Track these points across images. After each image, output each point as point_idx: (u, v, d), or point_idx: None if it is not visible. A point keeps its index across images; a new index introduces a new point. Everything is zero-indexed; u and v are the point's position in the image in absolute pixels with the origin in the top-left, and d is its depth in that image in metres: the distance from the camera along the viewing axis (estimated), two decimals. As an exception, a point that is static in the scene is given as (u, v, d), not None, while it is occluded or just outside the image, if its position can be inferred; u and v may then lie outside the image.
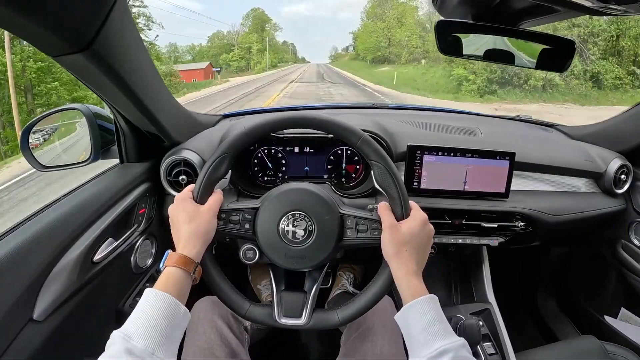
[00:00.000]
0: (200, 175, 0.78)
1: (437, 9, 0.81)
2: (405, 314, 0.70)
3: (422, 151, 1.11)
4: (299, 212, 0.79)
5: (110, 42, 0.71)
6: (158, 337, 0.59)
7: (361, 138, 0.78)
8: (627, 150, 1.37)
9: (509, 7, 0.76)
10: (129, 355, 0.56)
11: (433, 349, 0.63)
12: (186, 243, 0.72)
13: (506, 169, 1.13)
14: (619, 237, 1.42)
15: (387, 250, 0.74)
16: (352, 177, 1.21)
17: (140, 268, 1.06)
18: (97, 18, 0.66)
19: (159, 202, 1.14)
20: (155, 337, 0.59)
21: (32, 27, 0.58)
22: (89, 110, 1.06)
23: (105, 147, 1.09)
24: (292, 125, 0.80)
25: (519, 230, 1.19)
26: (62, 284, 0.76)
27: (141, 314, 0.62)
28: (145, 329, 0.59)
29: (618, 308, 1.53)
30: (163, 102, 1.00)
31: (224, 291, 0.80)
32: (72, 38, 0.65)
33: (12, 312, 0.67)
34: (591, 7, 0.65)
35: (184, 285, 0.69)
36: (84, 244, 0.82)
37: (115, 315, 1.01)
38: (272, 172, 1.21)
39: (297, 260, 0.79)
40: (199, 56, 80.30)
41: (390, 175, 0.77)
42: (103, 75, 0.75)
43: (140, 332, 0.59)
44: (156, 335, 0.59)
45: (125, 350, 0.56)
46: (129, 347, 0.56)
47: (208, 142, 1.16)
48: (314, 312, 0.81)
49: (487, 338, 1.15)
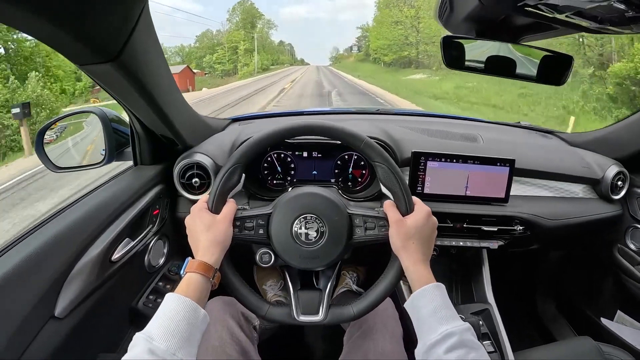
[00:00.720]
0: (214, 185, 0.81)
1: (443, 24, 0.85)
2: (414, 300, 0.74)
3: (425, 157, 1.15)
4: (310, 214, 0.83)
5: (136, 53, 0.75)
6: (179, 339, 0.62)
7: (364, 141, 0.82)
8: (624, 158, 1.40)
9: (511, 23, 0.80)
10: (152, 355, 0.58)
11: (439, 332, 0.67)
12: (205, 251, 0.75)
13: (506, 175, 1.17)
14: (615, 241, 1.46)
15: (395, 244, 0.79)
16: (359, 181, 1.25)
17: (153, 267, 1.10)
18: (124, 30, 0.69)
19: (171, 204, 1.17)
20: (176, 339, 0.62)
21: (62, 37, 0.62)
22: (103, 113, 1.09)
23: (119, 149, 1.12)
24: (299, 133, 0.84)
25: (518, 234, 1.23)
26: (83, 281, 0.79)
27: (163, 316, 0.65)
28: (166, 331, 0.62)
29: (614, 310, 1.56)
30: (178, 107, 1.04)
31: (244, 294, 0.83)
32: (101, 49, 0.69)
33: (35, 310, 0.70)
34: (588, 27, 0.69)
35: (203, 290, 0.72)
36: (104, 243, 0.85)
37: (129, 313, 1.04)
38: (281, 175, 1.24)
39: (311, 260, 0.83)
40: (188, 58, 71.94)
41: (393, 174, 0.81)
42: (127, 84, 0.79)
43: (162, 334, 0.62)
44: (177, 337, 0.62)
45: (148, 351, 0.59)
46: (151, 348, 0.59)
47: (219, 146, 1.19)
48: (330, 308, 0.85)
49: (486, 337, 1.18)
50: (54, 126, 1.15)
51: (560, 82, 0.90)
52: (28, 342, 0.68)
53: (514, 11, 0.64)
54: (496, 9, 0.71)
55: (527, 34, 0.83)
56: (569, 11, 0.59)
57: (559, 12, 0.60)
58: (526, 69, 0.92)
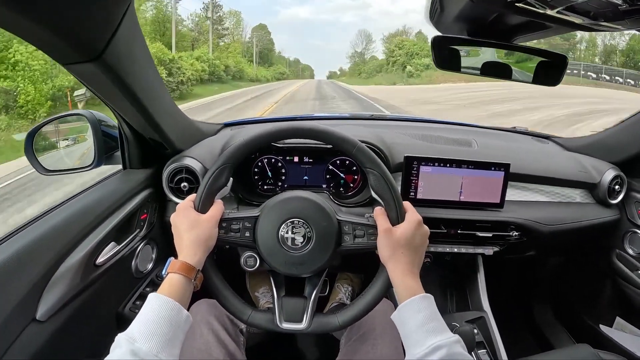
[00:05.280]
0: (202, 185, 0.80)
1: (434, 25, 0.84)
2: (401, 312, 0.72)
3: (418, 162, 1.13)
4: (297, 219, 0.81)
5: (120, 52, 0.74)
6: (161, 340, 0.61)
7: (356, 147, 0.81)
8: (621, 161, 1.39)
9: (504, 23, 0.79)
10: (134, 356, 0.58)
11: (426, 346, 0.65)
12: (188, 251, 0.74)
13: (501, 179, 1.15)
14: (613, 246, 1.44)
15: (383, 254, 0.77)
16: (350, 186, 1.23)
17: (140, 272, 1.08)
18: (108, 29, 0.68)
19: (160, 208, 1.16)
20: (158, 340, 0.61)
21: (44, 35, 0.61)
22: (93, 116, 1.08)
23: (108, 152, 1.11)
24: (290, 135, 0.83)
25: (514, 239, 1.21)
26: (66, 285, 0.78)
27: (145, 317, 0.64)
28: (149, 332, 0.62)
29: (613, 317, 1.54)
30: (167, 110, 1.03)
31: (226, 297, 0.82)
32: (84, 47, 0.68)
33: (15, 312, 0.69)
34: (581, 24, 0.67)
35: (185, 291, 0.71)
36: (88, 246, 0.84)
37: (116, 318, 1.02)
38: (271, 181, 1.23)
39: (296, 266, 0.82)
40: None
41: (385, 181, 0.80)
42: (111, 84, 0.78)
43: (145, 335, 0.61)
44: (160, 338, 0.61)
45: (130, 352, 0.58)
46: (133, 349, 0.58)
47: (209, 150, 1.18)
48: (314, 317, 0.83)
49: (481, 345, 1.16)
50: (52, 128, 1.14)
51: (555, 82, 0.89)
52: (7, 344, 0.67)
53: (505, 8, 0.62)
54: (487, 6, 0.70)
55: (520, 34, 0.82)
56: (561, 6, 0.58)
57: (551, 7, 0.59)
58: (521, 73, 0.92)
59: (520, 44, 0.86)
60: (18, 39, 0.70)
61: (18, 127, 11.30)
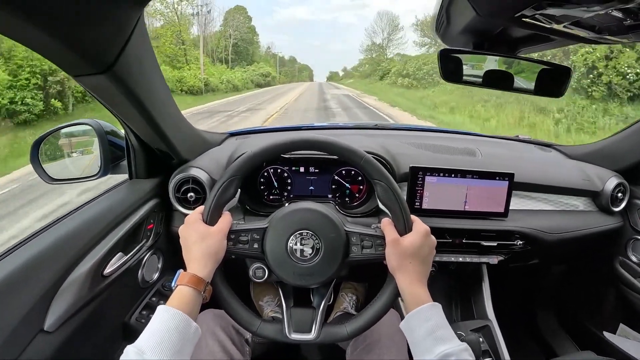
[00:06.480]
0: (210, 197, 0.81)
1: (440, 37, 0.85)
2: (409, 321, 0.73)
3: (424, 172, 1.14)
4: (306, 230, 0.81)
5: (130, 64, 0.75)
6: (170, 352, 0.62)
7: (364, 158, 0.81)
8: (624, 169, 1.39)
9: (508, 35, 0.80)
10: None
11: (435, 354, 0.65)
12: (197, 263, 0.74)
13: (505, 189, 1.16)
14: (616, 254, 1.44)
15: (391, 264, 0.78)
16: (356, 197, 1.24)
17: (146, 282, 1.08)
18: (119, 41, 0.69)
19: (166, 218, 1.16)
20: (167, 352, 0.61)
21: (56, 48, 0.62)
22: (99, 125, 1.08)
23: (114, 162, 1.11)
24: (297, 148, 0.83)
25: (518, 248, 1.21)
26: (74, 295, 0.78)
27: (154, 329, 0.64)
28: (157, 344, 0.62)
29: (617, 324, 1.53)
30: (173, 120, 1.03)
31: (235, 309, 0.82)
32: (95, 60, 0.68)
33: (24, 323, 0.69)
34: (586, 37, 0.68)
35: (194, 304, 0.71)
36: (96, 257, 0.84)
37: (122, 328, 1.02)
38: (277, 191, 1.23)
39: (305, 277, 0.82)
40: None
41: (392, 192, 0.80)
42: (121, 96, 0.79)
43: (153, 347, 0.61)
44: (168, 351, 0.62)
45: None
46: None
47: (215, 161, 1.18)
48: (323, 327, 0.83)
49: (487, 354, 1.16)
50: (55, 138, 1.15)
51: (559, 94, 0.90)
52: (16, 355, 0.67)
53: (512, 22, 0.64)
54: (493, 20, 0.71)
55: (524, 45, 0.83)
56: (567, 21, 0.59)
57: (557, 22, 0.60)
58: (524, 82, 0.93)
59: (524, 56, 0.87)
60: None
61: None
